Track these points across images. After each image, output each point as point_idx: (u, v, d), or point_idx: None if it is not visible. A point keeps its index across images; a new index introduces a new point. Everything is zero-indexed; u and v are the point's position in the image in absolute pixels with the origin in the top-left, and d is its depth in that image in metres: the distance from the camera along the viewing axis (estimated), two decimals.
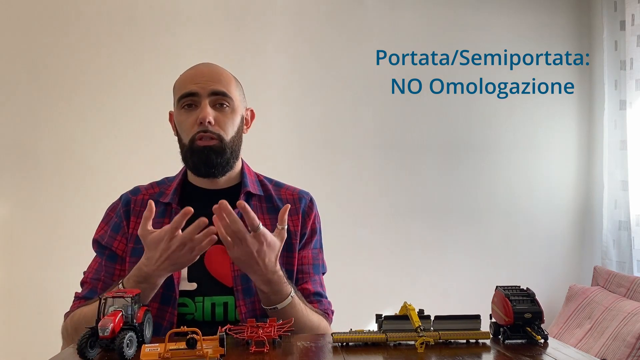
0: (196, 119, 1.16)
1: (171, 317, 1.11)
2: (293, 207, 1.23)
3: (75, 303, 1.19)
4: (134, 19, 2.46)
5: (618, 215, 2.54)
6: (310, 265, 1.25)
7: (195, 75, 1.19)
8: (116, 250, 1.19)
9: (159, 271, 1.02)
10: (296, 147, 2.54)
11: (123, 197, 1.24)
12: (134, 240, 1.17)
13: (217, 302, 1.14)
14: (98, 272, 1.19)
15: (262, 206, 1.24)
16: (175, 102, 1.22)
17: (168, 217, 1.18)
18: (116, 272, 1.18)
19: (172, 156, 1.28)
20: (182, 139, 1.20)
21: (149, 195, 1.23)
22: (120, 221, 1.20)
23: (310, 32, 2.60)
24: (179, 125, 1.20)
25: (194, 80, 1.18)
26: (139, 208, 1.20)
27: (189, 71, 1.22)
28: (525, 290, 0.98)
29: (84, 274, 1.22)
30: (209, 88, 1.17)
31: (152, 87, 2.45)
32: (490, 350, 0.92)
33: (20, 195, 2.38)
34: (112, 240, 1.19)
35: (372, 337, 0.93)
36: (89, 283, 1.19)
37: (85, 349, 0.81)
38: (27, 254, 2.37)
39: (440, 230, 2.68)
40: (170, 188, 1.23)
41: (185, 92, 1.17)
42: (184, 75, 1.22)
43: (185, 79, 1.20)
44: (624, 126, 2.49)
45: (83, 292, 1.19)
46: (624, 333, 2.06)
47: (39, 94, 2.38)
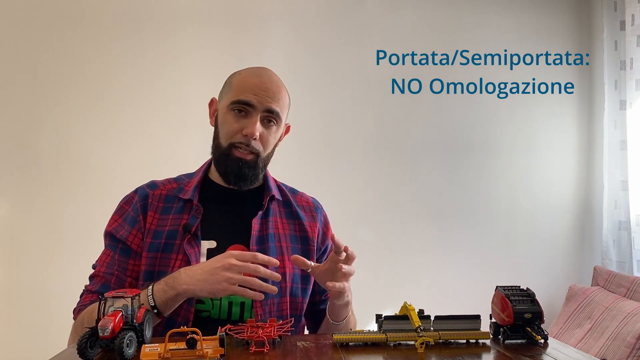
0: (242, 128, 1.16)
1: (186, 313, 1.10)
2: (309, 214, 1.29)
3: (87, 297, 1.17)
4: (134, 20, 2.46)
5: (618, 215, 2.54)
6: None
7: (257, 87, 1.17)
8: (131, 245, 1.17)
9: (193, 284, 1.01)
10: (296, 147, 2.53)
11: (140, 191, 1.22)
12: (151, 235, 1.16)
13: (234, 302, 1.14)
14: (111, 266, 1.17)
15: (281, 210, 1.26)
16: (226, 96, 1.19)
17: (187, 213, 1.18)
18: (129, 267, 1.16)
19: (172, 156, 1.29)
20: (220, 137, 1.20)
21: (166, 190, 1.22)
22: (137, 215, 1.18)
23: (310, 32, 2.60)
24: (223, 124, 1.19)
25: (254, 91, 1.16)
26: (157, 203, 1.19)
27: (252, 78, 1.19)
28: (525, 290, 0.98)
29: (94, 268, 1.20)
30: (266, 104, 1.17)
31: (152, 88, 2.46)
32: (490, 350, 0.92)
33: (20, 195, 2.38)
34: (127, 234, 1.17)
35: (372, 337, 0.93)
36: (101, 277, 1.17)
37: (85, 349, 0.81)
38: (27, 254, 2.37)
39: (440, 230, 2.68)
40: (190, 184, 1.22)
41: (242, 99, 1.16)
42: (246, 78, 1.19)
43: (246, 85, 1.18)
44: (624, 126, 2.49)
45: (95, 286, 1.17)
46: (624, 333, 2.06)
47: (39, 94, 2.39)
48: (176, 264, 1.13)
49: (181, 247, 1.14)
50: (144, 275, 1.14)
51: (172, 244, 1.15)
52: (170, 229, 1.16)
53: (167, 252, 1.14)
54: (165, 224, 1.17)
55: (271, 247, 1.19)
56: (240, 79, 1.20)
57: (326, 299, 1.29)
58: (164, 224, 1.17)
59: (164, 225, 1.17)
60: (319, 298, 1.29)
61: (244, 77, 1.20)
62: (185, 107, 2.46)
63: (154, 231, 1.16)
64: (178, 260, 1.13)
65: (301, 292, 1.22)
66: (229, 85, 1.21)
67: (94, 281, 1.18)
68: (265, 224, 1.21)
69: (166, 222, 1.17)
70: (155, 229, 1.16)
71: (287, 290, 1.18)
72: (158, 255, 1.14)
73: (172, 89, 2.48)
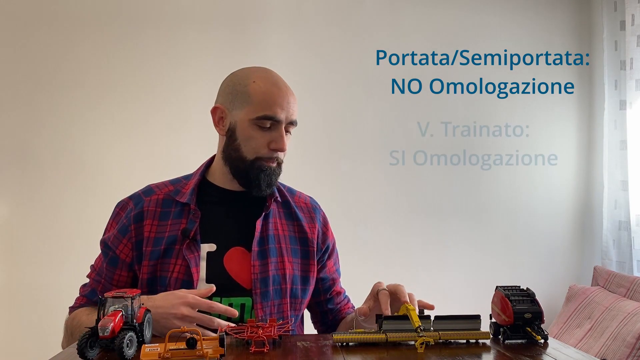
0: (269, 142, 1.15)
1: None
2: (308, 215, 1.28)
3: (78, 300, 1.20)
4: (134, 20, 2.46)
5: (618, 215, 2.54)
6: (335, 270, 1.33)
7: (282, 99, 1.15)
8: (120, 254, 1.16)
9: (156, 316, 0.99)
10: (296, 147, 2.52)
11: (135, 199, 1.20)
12: (152, 243, 1.15)
13: (234, 303, 1.14)
14: (100, 274, 1.18)
15: (280, 211, 1.26)
16: (247, 109, 1.15)
17: (185, 217, 1.17)
18: (115, 277, 1.17)
19: (172, 156, 1.28)
20: (244, 152, 1.17)
21: (163, 194, 1.20)
22: (129, 224, 1.17)
23: (310, 31, 2.60)
24: (248, 139, 1.16)
25: (281, 104, 1.15)
26: (154, 208, 1.18)
27: (273, 88, 1.15)
28: (525, 290, 0.98)
29: (91, 267, 1.22)
30: (291, 117, 1.17)
31: (151, 88, 2.46)
32: (490, 350, 0.92)
33: (20, 195, 2.38)
34: (117, 242, 1.17)
35: (372, 337, 0.93)
36: (91, 282, 1.20)
37: (85, 349, 0.81)
38: (26, 254, 2.37)
39: (440, 230, 2.68)
40: (187, 187, 1.21)
41: (269, 115, 1.14)
42: (268, 88, 1.15)
43: (270, 99, 1.14)
44: (624, 126, 2.49)
45: (86, 289, 1.20)
46: (624, 333, 2.06)
47: (39, 94, 2.38)
48: (175, 268, 1.13)
49: (180, 252, 1.14)
50: (146, 282, 1.14)
51: (172, 249, 1.14)
52: (170, 234, 1.15)
53: (167, 258, 1.14)
54: (164, 229, 1.16)
55: (271, 248, 1.19)
56: (260, 89, 1.15)
57: (331, 298, 1.30)
58: (164, 229, 1.16)
59: (163, 231, 1.16)
60: (324, 297, 1.29)
61: (264, 87, 1.15)
62: (186, 107, 2.46)
63: (154, 239, 1.15)
64: (177, 265, 1.13)
65: (301, 293, 1.22)
66: (245, 95, 1.15)
67: (86, 285, 1.21)
68: (266, 225, 1.21)
69: (165, 228, 1.16)
70: (155, 236, 1.15)
71: (287, 292, 1.18)
72: (159, 262, 1.14)
73: (173, 89, 2.48)
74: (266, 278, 1.16)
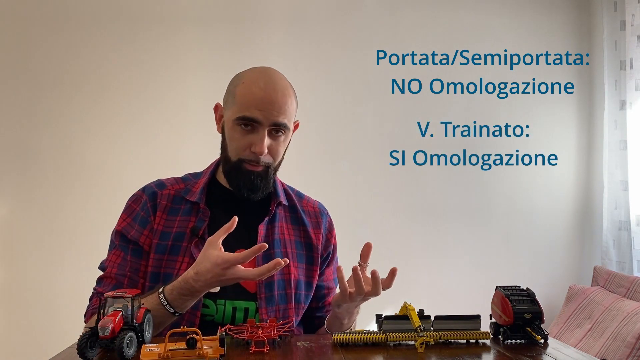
0: (250, 144, 1.13)
1: (191, 317, 1.10)
2: (314, 220, 1.27)
3: (97, 299, 1.13)
4: (134, 20, 2.46)
5: (618, 215, 2.54)
6: (333, 279, 1.30)
7: (262, 101, 1.11)
8: (143, 245, 1.15)
9: (206, 287, 1.00)
10: (296, 147, 2.52)
11: (148, 190, 1.20)
12: (158, 235, 1.15)
13: (238, 307, 1.14)
14: (123, 268, 1.15)
15: (287, 215, 1.25)
16: (231, 109, 1.14)
17: (194, 215, 1.17)
18: (141, 269, 1.15)
19: (174, 156, 1.28)
20: (229, 151, 1.16)
21: (174, 191, 1.20)
22: (148, 215, 1.16)
23: (310, 32, 2.60)
24: (230, 139, 1.15)
25: (259, 105, 1.11)
26: (165, 202, 1.18)
27: (256, 90, 1.12)
28: (525, 290, 0.98)
29: (102, 269, 1.18)
30: (272, 119, 1.12)
31: (151, 88, 2.46)
32: (490, 350, 0.92)
33: (20, 195, 2.38)
34: (139, 234, 1.16)
35: (372, 337, 0.93)
36: (112, 278, 1.15)
37: (85, 349, 0.81)
38: (27, 254, 2.37)
39: (440, 230, 2.68)
40: (197, 186, 1.20)
41: (247, 115, 1.11)
42: (250, 90, 1.13)
43: (250, 100, 1.12)
44: (624, 126, 2.49)
45: (106, 288, 1.13)
46: (624, 333, 2.06)
47: (39, 94, 2.39)
48: (182, 266, 1.12)
49: (188, 249, 1.13)
50: (150, 276, 1.13)
51: (179, 246, 1.14)
52: (178, 230, 1.15)
53: (174, 255, 1.14)
54: (172, 225, 1.16)
55: (277, 253, 1.18)
56: (244, 90, 1.13)
57: (322, 306, 1.28)
58: (171, 225, 1.16)
59: (171, 226, 1.16)
60: (315, 305, 1.27)
61: (248, 88, 1.13)
62: (186, 107, 2.46)
63: (161, 232, 1.15)
64: (184, 263, 1.12)
65: (304, 299, 1.22)
66: (232, 95, 1.15)
67: (105, 283, 1.15)
68: (272, 230, 1.20)
69: (173, 224, 1.16)
70: (163, 230, 1.15)
71: (292, 297, 1.18)
72: (164, 257, 1.13)
73: (173, 88, 2.48)
74: (271, 283, 1.16)
